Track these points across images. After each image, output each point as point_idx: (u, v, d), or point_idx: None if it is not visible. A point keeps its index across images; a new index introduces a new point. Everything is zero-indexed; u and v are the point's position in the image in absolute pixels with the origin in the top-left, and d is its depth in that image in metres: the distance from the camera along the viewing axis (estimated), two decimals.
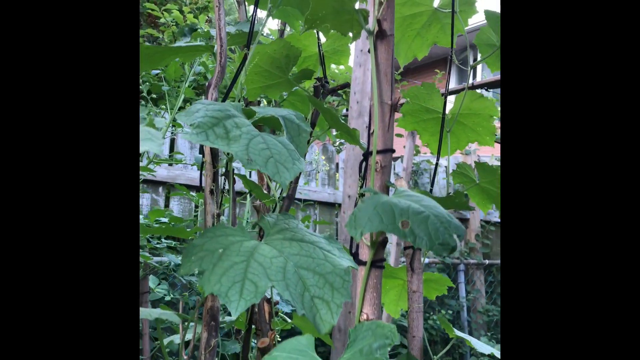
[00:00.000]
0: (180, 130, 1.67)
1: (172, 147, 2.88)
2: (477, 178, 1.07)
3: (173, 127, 1.60)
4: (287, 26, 1.15)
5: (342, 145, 4.04)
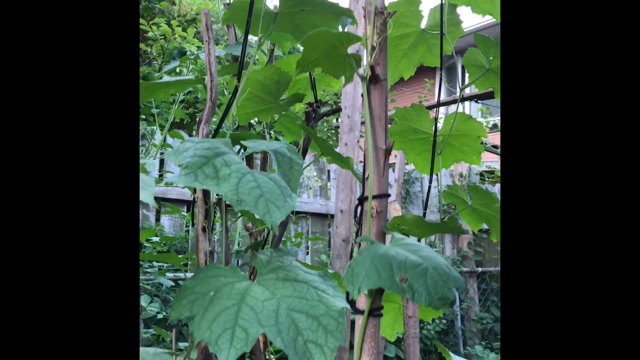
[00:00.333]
0: (170, 149, 1.66)
1: (162, 165, 2.85)
2: (470, 199, 1.07)
3: (163, 148, 1.59)
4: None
5: None
